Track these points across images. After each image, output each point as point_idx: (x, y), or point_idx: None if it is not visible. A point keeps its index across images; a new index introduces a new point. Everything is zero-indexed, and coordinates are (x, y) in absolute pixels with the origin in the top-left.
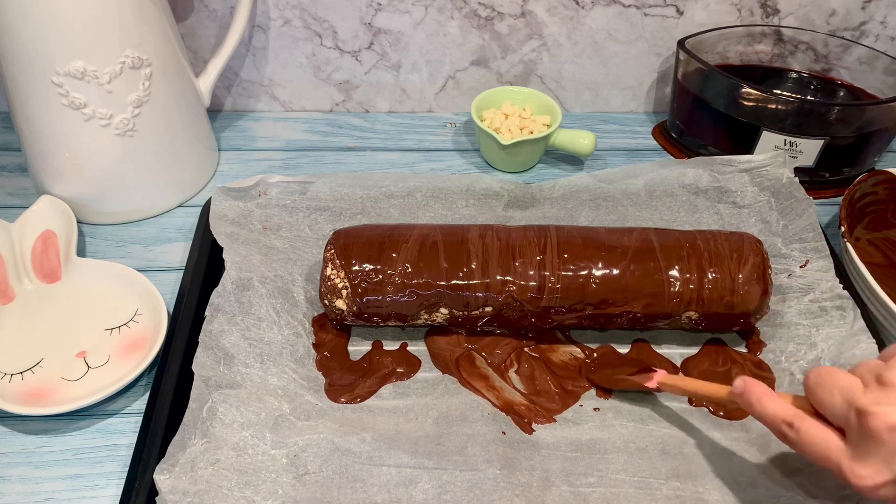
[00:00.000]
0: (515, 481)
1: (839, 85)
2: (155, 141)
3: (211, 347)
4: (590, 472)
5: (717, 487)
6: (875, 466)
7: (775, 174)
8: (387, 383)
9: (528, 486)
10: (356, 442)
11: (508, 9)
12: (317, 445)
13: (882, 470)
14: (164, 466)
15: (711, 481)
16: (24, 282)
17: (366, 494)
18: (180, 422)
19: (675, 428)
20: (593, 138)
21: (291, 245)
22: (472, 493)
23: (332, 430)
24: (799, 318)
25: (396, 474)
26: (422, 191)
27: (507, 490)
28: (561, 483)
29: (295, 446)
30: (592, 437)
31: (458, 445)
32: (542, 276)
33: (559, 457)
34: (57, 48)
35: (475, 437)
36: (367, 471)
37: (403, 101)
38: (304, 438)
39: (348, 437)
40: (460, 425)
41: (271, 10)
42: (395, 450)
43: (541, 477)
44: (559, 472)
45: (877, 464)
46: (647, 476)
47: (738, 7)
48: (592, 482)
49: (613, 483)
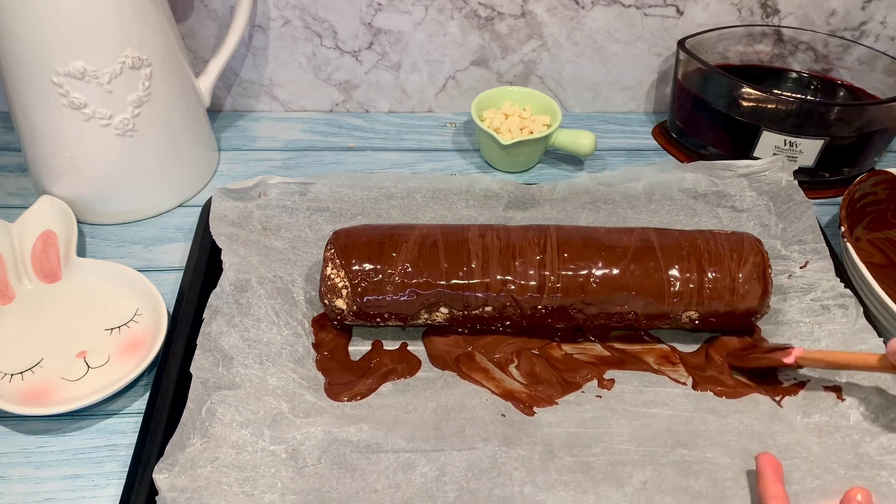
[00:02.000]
0: (515, 455)
1: (839, 85)
2: (155, 141)
3: (209, 349)
4: (594, 443)
5: (726, 453)
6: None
7: (774, 178)
8: (386, 382)
9: (528, 459)
10: (353, 431)
11: (508, 9)
12: (314, 438)
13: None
14: (163, 466)
15: (720, 449)
16: (24, 282)
17: (364, 482)
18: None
19: (679, 411)
20: (593, 138)
21: (291, 246)
22: (470, 471)
23: (329, 423)
24: (801, 317)
25: (394, 460)
26: (422, 192)
27: (506, 464)
28: (564, 454)
29: (293, 440)
30: (596, 414)
31: (456, 429)
32: (542, 276)
33: (562, 433)
34: (57, 48)
35: (473, 420)
36: (365, 458)
37: (403, 101)
38: (302, 433)
39: (345, 427)
40: (459, 412)
41: (271, 10)
42: (393, 436)
43: (542, 451)
44: (562, 445)
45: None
46: (653, 445)
47: (738, 7)
48: (597, 452)
49: (618, 452)
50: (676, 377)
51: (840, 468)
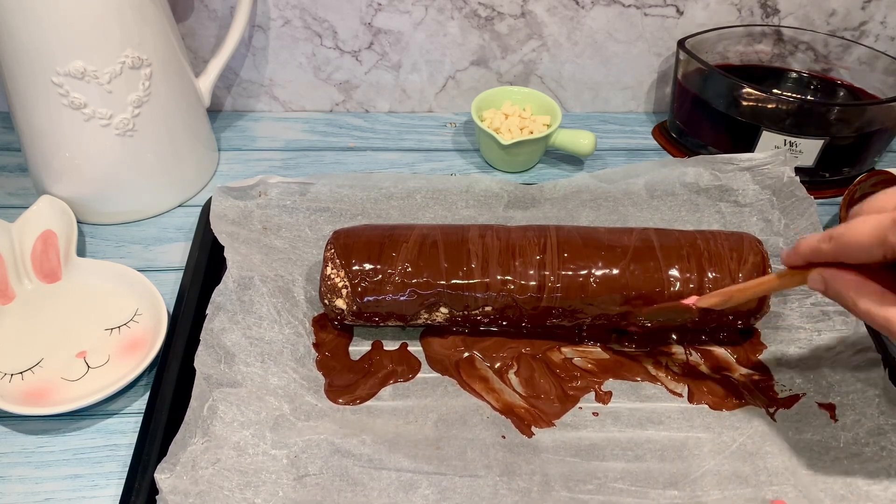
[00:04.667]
0: (515, 487)
1: (839, 85)
2: (155, 141)
3: (212, 345)
4: (588, 478)
5: (717, 484)
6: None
7: (776, 172)
8: (386, 384)
9: (527, 492)
10: (356, 444)
11: (508, 9)
12: (317, 447)
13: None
14: (164, 466)
15: (710, 479)
16: (24, 282)
17: (366, 499)
18: (180, 422)
19: (673, 431)
20: (593, 138)
21: (292, 245)
22: (471, 499)
23: (331, 432)
24: (801, 322)
25: (396, 478)
26: (422, 192)
27: (507, 497)
28: (560, 488)
29: (295, 447)
30: (592, 442)
31: (457, 450)
32: (541, 276)
33: (558, 461)
34: (57, 48)
35: (475, 441)
36: (367, 474)
37: (403, 101)
38: (304, 439)
39: (348, 438)
40: (460, 429)
41: (271, 10)
42: (395, 453)
43: (540, 482)
44: (558, 476)
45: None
46: (645, 485)
47: (738, 7)
48: (591, 489)
49: (612, 491)
50: (672, 387)
51: (827, 499)
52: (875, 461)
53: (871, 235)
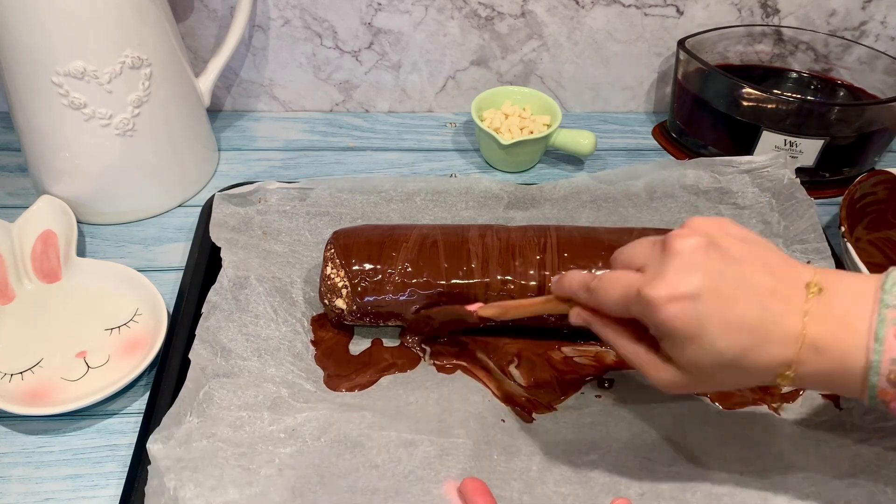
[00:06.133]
0: (514, 466)
1: (839, 85)
2: (155, 141)
3: (208, 341)
4: (591, 449)
5: (723, 466)
6: (669, 278)
7: (776, 175)
8: (387, 374)
9: (526, 471)
10: (356, 418)
11: (508, 9)
12: (316, 420)
13: (676, 281)
14: (157, 437)
15: (715, 461)
16: (24, 282)
17: (365, 458)
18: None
19: (679, 416)
20: (593, 138)
21: (291, 249)
22: (473, 460)
23: (331, 409)
24: None
25: (396, 437)
26: (421, 194)
27: (504, 473)
28: (562, 464)
29: (293, 422)
30: (595, 420)
31: (460, 420)
32: (541, 276)
33: (559, 441)
34: (57, 48)
35: (477, 415)
36: (366, 436)
37: (403, 101)
38: (302, 416)
39: (348, 413)
40: (462, 403)
41: (271, 10)
42: (397, 422)
43: (540, 461)
44: (560, 453)
45: (672, 275)
46: (651, 456)
47: (738, 7)
48: (595, 459)
49: (616, 459)
50: None
51: (836, 479)
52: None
53: (619, 299)
